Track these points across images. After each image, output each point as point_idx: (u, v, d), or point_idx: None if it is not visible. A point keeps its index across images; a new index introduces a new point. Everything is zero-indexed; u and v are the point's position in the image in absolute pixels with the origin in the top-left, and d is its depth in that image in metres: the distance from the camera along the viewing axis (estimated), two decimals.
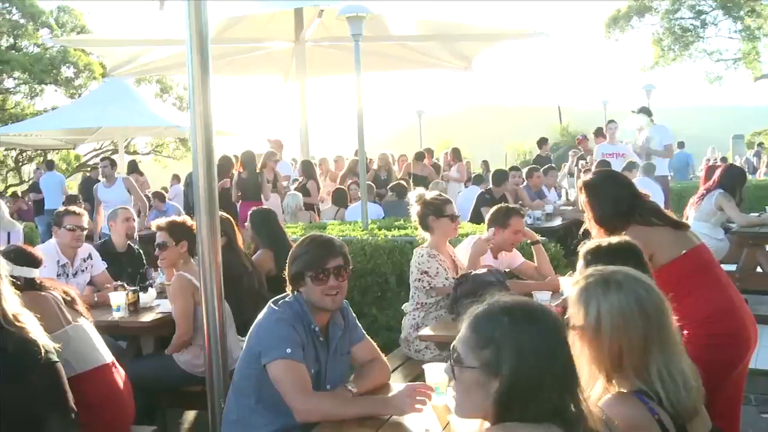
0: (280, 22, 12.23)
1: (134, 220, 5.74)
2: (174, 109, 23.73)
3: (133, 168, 14.56)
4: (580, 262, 2.61)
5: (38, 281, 3.29)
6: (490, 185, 8.72)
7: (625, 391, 1.88)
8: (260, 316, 2.80)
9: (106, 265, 5.24)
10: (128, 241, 5.68)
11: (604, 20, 30.44)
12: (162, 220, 4.33)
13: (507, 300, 1.69)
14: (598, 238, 3.37)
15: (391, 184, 9.91)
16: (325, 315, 2.84)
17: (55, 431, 2.70)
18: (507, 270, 4.68)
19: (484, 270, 4.03)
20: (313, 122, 13.15)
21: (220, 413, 2.97)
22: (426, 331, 3.82)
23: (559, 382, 1.57)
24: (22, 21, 27.37)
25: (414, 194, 4.53)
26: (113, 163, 9.23)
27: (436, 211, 4.35)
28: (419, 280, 4.31)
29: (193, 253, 4.19)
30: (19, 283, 3.10)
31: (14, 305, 2.79)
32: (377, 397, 2.60)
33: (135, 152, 28.49)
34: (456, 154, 13.49)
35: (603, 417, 1.66)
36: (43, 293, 3.22)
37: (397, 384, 2.86)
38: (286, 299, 2.82)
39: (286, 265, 2.86)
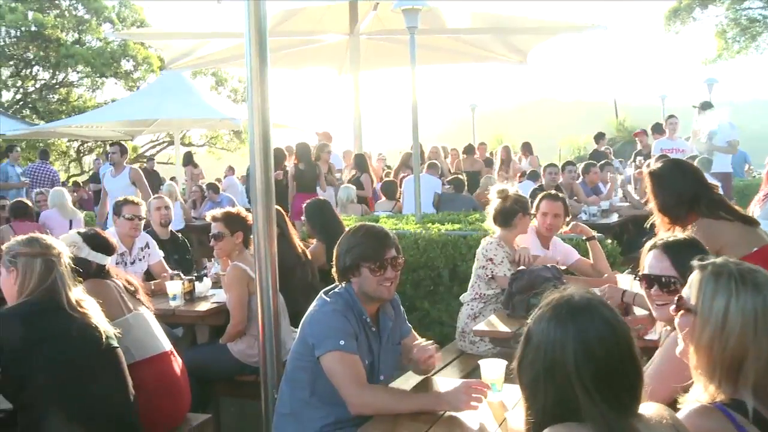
0: (334, 15, 12.25)
1: (167, 208, 5.79)
2: (228, 102, 24.04)
3: (188, 160, 14.83)
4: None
5: (106, 269, 3.37)
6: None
7: (710, 403, 1.68)
8: (311, 307, 2.80)
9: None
10: (169, 229, 5.78)
11: (665, 12, 29.62)
12: (217, 211, 4.37)
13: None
14: (663, 228, 3.32)
15: (449, 178, 9.84)
16: (374, 305, 2.83)
17: (115, 414, 2.77)
18: (562, 266, 4.61)
19: (541, 266, 3.98)
20: (367, 115, 13.15)
21: (273, 403, 2.99)
22: (481, 325, 3.78)
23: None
24: (86, 16, 28.15)
25: (496, 189, 4.52)
26: (123, 150, 8.44)
27: (524, 208, 4.44)
28: (483, 267, 4.34)
29: (248, 244, 4.24)
30: (84, 269, 3.19)
31: (77, 291, 2.87)
32: (432, 392, 2.57)
33: (190, 144, 28.99)
34: (527, 148, 13.37)
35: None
36: (107, 281, 3.29)
37: (452, 379, 2.82)
38: (337, 290, 2.81)
39: (336, 255, 2.84)
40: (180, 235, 5.96)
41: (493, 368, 2.61)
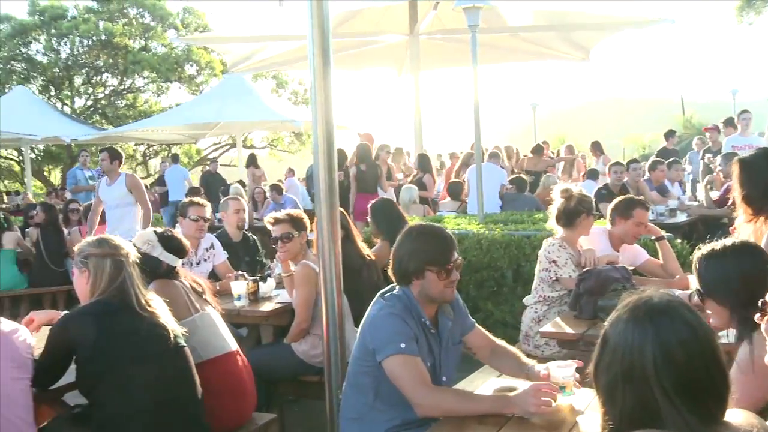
0: (394, 15, 12.26)
1: (245, 211, 5.83)
2: (289, 104, 24.33)
3: (251, 161, 15.04)
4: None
5: (175, 270, 3.42)
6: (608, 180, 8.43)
7: None
8: (370, 309, 2.77)
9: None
10: (242, 231, 5.82)
11: (737, 2, 28.60)
12: (281, 213, 4.37)
13: None
14: (745, 218, 3.20)
15: (511, 177, 9.72)
16: (433, 307, 2.79)
17: (183, 412, 2.81)
18: (630, 267, 4.48)
19: (609, 266, 3.87)
20: (427, 115, 13.11)
21: (338, 404, 2.98)
22: (548, 327, 3.70)
23: None
24: (152, 24, 28.96)
25: (559, 188, 4.44)
26: (113, 155, 7.24)
27: (588, 208, 4.33)
28: (546, 270, 4.24)
29: (310, 245, 4.25)
30: (153, 268, 3.25)
31: (146, 291, 2.93)
32: (500, 395, 2.52)
33: (251, 146, 29.45)
34: (597, 147, 13.12)
35: None
36: (174, 281, 3.34)
37: (519, 381, 2.76)
38: (395, 292, 2.77)
39: (396, 258, 2.79)
40: (251, 235, 5.99)
41: (563, 370, 2.55)
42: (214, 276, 5.18)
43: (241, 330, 4.84)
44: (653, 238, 4.67)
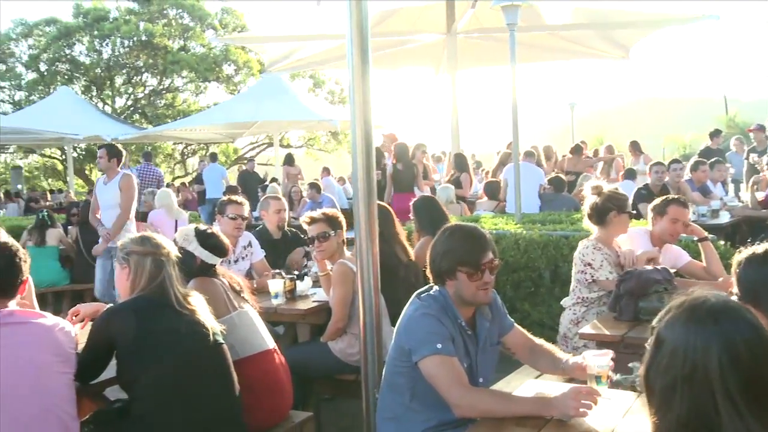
0: (431, 14, 12.22)
1: (285, 210, 5.84)
2: (326, 104, 24.45)
3: (288, 160, 15.15)
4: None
5: (214, 268, 3.45)
6: (648, 180, 8.29)
7: None
8: (406, 309, 2.75)
9: (265, 253, 5.43)
10: (282, 230, 5.84)
11: None
12: (317, 212, 4.38)
13: None
14: None
15: (549, 177, 9.63)
16: (470, 308, 2.76)
17: (221, 409, 2.83)
18: (672, 269, 4.39)
19: (650, 267, 3.80)
20: (464, 115, 13.04)
21: (374, 404, 2.97)
22: (587, 329, 3.64)
23: None
24: (191, 24, 29.38)
25: (590, 186, 4.35)
26: (112, 153, 6.78)
27: (619, 206, 4.22)
28: (582, 272, 4.16)
29: (345, 243, 4.27)
30: (188, 262, 3.28)
31: (185, 289, 2.96)
32: (539, 396, 2.48)
33: (288, 145, 29.67)
34: (635, 147, 12.93)
35: None
36: (214, 279, 3.37)
37: (557, 383, 2.73)
38: (431, 293, 2.75)
39: (431, 257, 2.78)
40: (290, 232, 5.99)
41: (599, 359, 2.53)
42: (251, 274, 5.22)
43: (277, 328, 4.86)
44: (696, 239, 4.57)
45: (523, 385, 2.81)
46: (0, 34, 28.28)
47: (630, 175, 10.16)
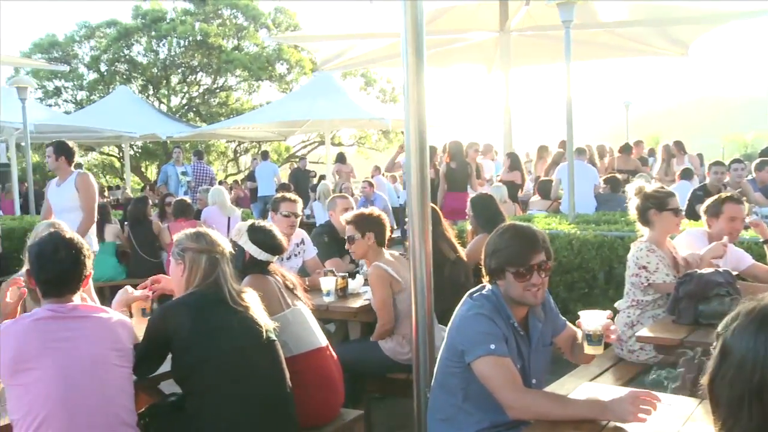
0: (484, 12, 12.10)
1: (353, 209, 5.76)
2: (377, 102, 24.51)
3: (340, 159, 15.22)
4: None
5: (268, 265, 3.48)
6: (705, 181, 8.08)
7: None
8: (458, 309, 2.73)
9: (329, 248, 5.44)
10: None
11: None
12: (349, 215, 4.41)
13: None
14: None
15: (605, 177, 9.46)
16: (523, 308, 2.72)
17: (273, 404, 2.85)
18: (734, 271, 4.26)
19: (711, 269, 3.69)
20: (516, 113, 12.89)
21: (426, 404, 2.96)
22: (644, 332, 3.55)
23: None
24: (245, 24, 29.80)
25: (633, 186, 4.25)
26: (60, 150, 6.09)
27: (658, 204, 4.07)
28: (636, 275, 4.05)
29: (382, 244, 4.26)
30: (237, 256, 3.32)
31: (239, 286, 2.99)
32: (596, 400, 2.43)
33: (339, 144, 29.84)
34: (679, 146, 12.61)
35: None
36: (268, 277, 3.40)
37: (612, 386, 2.67)
38: (483, 292, 2.72)
39: (484, 256, 2.75)
40: None
41: (594, 319, 2.59)
42: (303, 272, 5.25)
43: (328, 326, 4.88)
44: (761, 240, 4.43)
45: (579, 388, 2.76)
46: (65, 37, 29.16)
47: (686, 175, 9.91)
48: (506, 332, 2.61)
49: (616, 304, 4.37)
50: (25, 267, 3.75)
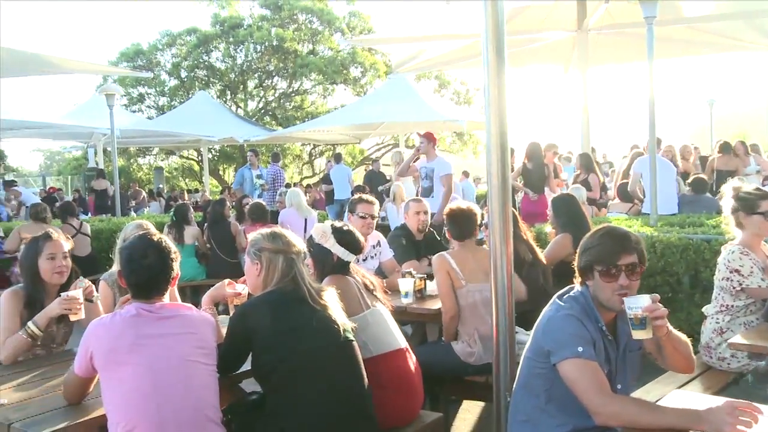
0: (561, 11, 11.88)
1: (426, 213, 5.73)
2: (451, 104, 24.43)
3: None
4: None
5: (348, 266, 3.50)
6: None
7: None
8: (545, 311, 2.68)
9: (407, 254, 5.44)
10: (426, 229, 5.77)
11: None
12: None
13: None
14: None
15: (689, 179, 9.14)
16: (611, 312, 2.64)
17: (352, 404, 2.86)
18: None
19: None
20: (594, 113, 12.59)
21: (506, 407, 2.92)
22: (737, 338, 3.39)
23: None
24: (320, 28, 30.22)
25: (727, 187, 4.09)
26: None
27: (746, 206, 3.91)
28: (728, 279, 3.88)
29: (459, 238, 4.31)
30: (324, 259, 3.35)
31: (318, 284, 3.01)
32: (688, 409, 2.33)
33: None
34: (755, 149, 12.06)
35: None
36: (347, 277, 3.41)
37: (703, 395, 2.56)
38: (572, 294, 2.67)
39: (577, 254, 2.70)
40: (434, 231, 5.96)
41: (633, 301, 2.47)
42: (380, 273, 5.26)
43: (404, 327, 4.87)
44: None
45: (669, 395, 2.66)
46: (148, 45, 30.24)
47: None
48: (595, 336, 2.55)
49: (703, 309, 4.21)
50: (116, 266, 3.92)
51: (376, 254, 5.37)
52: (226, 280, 3.57)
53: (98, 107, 13.96)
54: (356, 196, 5.48)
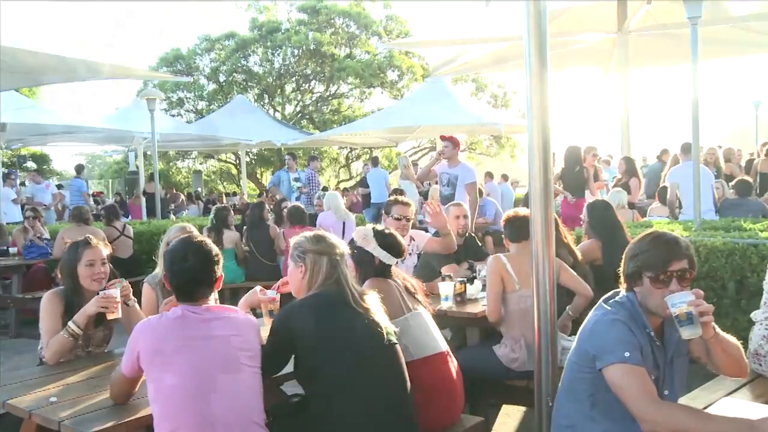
0: (601, 13, 11.73)
1: (466, 217, 5.74)
2: (488, 107, 24.30)
3: None
4: None
5: (390, 269, 3.51)
6: None
7: None
8: (591, 315, 2.65)
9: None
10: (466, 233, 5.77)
11: None
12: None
13: None
14: None
15: (733, 182, 8.95)
16: (659, 318, 2.60)
17: (393, 407, 2.85)
18: None
19: None
20: (634, 116, 12.42)
21: (548, 412, 2.89)
22: None
23: None
24: (357, 32, 30.34)
25: None
26: None
27: None
28: None
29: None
30: (366, 262, 3.36)
31: (360, 288, 3.01)
32: (739, 417, 2.28)
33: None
34: None
35: None
36: (389, 280, 3.42)
37: (758, 404, 2.50)
38: (618, 298, 2.63)
39: (622, 260, 2.66)
40: (474, 235, 5.92)
41: (675, 298, 2.41)
42: (420, 270, 5.25)
43: (444, 331, 4.85)
44: None
45: (718, 402, 2.61)
46: (187, 50, 30.66)
47: None
48: (642, 341, 2.51)
49: (751, 315, 4.12)
50: (159, 269, 3.98)
51: (412, 251, 5.35)
52: (258, 287, 3.61)
53: (139, 111, 14.17)
54: (392, 197, 5.48)
